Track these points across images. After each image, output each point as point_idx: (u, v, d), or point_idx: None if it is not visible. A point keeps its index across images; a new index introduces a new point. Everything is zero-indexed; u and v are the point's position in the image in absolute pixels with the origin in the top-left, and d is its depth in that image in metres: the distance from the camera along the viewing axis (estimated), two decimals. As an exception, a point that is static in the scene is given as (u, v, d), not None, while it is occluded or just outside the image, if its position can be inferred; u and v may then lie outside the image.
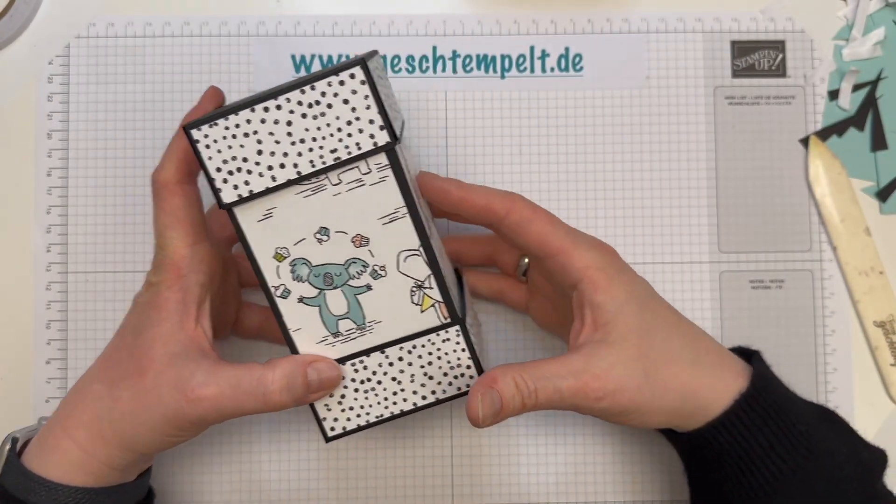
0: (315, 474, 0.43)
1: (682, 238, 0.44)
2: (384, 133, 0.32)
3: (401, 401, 0.36)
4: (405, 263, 0.34)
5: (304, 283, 0.34)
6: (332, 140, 0.32)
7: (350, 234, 0.33)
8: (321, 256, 0.33)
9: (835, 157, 0.45)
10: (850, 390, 0.44)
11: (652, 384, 0.33)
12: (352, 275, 0.34)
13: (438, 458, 0.43)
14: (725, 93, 0.45)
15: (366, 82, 0.31)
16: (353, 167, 0.32)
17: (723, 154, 0.45)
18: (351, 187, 0.32)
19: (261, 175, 0.32)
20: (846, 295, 0.44)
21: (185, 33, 0.44)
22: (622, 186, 0.44)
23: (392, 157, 0.32)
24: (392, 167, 0.32)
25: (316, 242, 0.33)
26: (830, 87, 0.45)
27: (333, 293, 0.34)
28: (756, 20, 0.45)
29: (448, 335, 0.35)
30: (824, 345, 0.44)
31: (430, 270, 0.34)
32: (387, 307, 0.34)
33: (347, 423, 0.36)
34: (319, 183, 0.32)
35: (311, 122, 0.31)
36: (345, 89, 0.31)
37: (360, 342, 0.35)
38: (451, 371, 0.35)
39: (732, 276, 0.44)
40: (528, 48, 0.45)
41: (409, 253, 0.34)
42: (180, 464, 0.43)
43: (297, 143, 0.32)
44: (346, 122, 0.31)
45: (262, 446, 0.43)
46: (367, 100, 0.31)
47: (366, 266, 0.34)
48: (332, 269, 0.34)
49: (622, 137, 0.45)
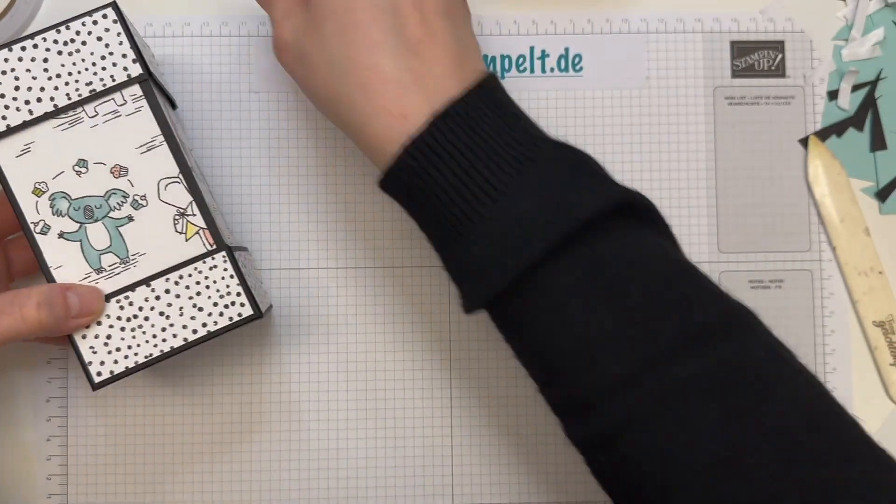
0: (315, 474, 0.43)
1: (682, 238, 0.44)
2: (137, 66, 0.35)
3: (171, 337, 0.35)
4: (166, 192, 0.35)
5: (64, 217, 0.34)
6: (88, 74, 0.34)
7: (109, 165, 0.34)
8: (81, 189, 0.34)
9: (834, 158, 0.45)
10: (849, 390, 0.44)
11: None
12: (112, 206, 0.35)
13: (438, 457, 0.43)
14: (725, 93, 0.45)
15: (118, 21, 0.34)
16: (109, 99, 0.34)
17: (722, 154, 0.45)
18: (107, 118, 0.35)
19: (18, 110, 0.34)
20: (846, 295, 0.44)
21: (185, 34, 0.44)
22: (622, 186, 0.44)
23: (146, 87, 0.35)
24: (146, 97, 0.35)
25: (75, 175, 0.34)
26: (830, 88, 0.45)
27: (95, 226, 0.35)
28: (755, 20, 0.45)
29: (215, 262, 0.35)
30: (824, 345, 0.44)
31: (192, 197, 0.35)
32: (150, 238, 0.35)
33: (115, 366, 0.35)
34: (76, 116, 0.34)
35: (66, 59, 0.34)
36: (98, 28, 0.34)
37: (125, 277, 0.35)
38: (220, 300, 0.35)
39: (732, 277, 0.44)
40: (528, 48, 0.45)
41: (170, 180, 0.35)
42: (181, 474, 0.43)
43: (54, 77, 0.34)
44: (101, 57, 0.34)
45: (263, 445, 0.43)
46: (120, 36, 0.34)
47: (126, 196, 0.35)
48: (92, 202, 0.34)
49: (622, 138, 0.45)
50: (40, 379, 0.43)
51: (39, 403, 0.43)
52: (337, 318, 0.43)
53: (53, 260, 0.34)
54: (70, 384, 0.43)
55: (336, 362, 0.43)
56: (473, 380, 0.43)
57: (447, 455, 0.43)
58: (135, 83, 0.35)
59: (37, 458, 0.43)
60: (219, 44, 0.44)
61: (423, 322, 0.44)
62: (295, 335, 0.43)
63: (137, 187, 0.35)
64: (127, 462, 0.43)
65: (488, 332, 0.44)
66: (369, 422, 0.43)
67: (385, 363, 0.43)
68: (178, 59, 0.44)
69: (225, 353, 0.43)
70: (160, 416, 0.43)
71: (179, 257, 0.35)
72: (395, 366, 0.43)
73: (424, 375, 0.43)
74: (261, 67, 0.44)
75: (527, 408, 0.43)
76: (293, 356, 0.43)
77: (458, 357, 0.44)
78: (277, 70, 0.44)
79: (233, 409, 0.43)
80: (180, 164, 0.35)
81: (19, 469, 0.43)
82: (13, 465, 0.43)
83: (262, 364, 0.43)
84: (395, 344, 0.44)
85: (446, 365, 0.43)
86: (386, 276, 0.44)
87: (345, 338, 0.44)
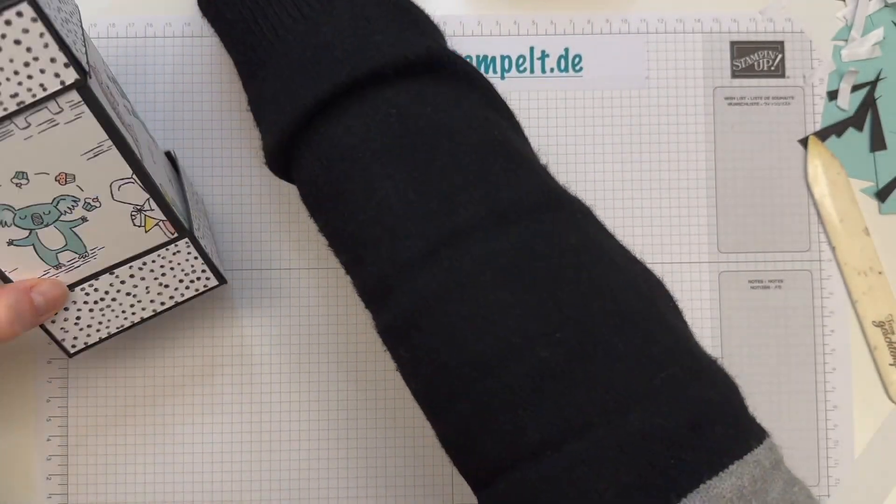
0: (315, 474, 0.43)
1: (681, 238, 0.44)
2: (70, 70, 0.29)
3: (140, 310, 0.36)
4: (120, 192, 0.33)
5: (11, 227, 0.32)
6: (11, 85, 0.28)
7: (53, 174, 0.31)
8: (24, 199, 0.32)
9: (834, 158, 0.45)
10: (849, 390, 0.44)
11: None
12: (63, 210, 0.32)
13: (438, 457, 0.43)
14: (725, 93, 0.45)
15: (38, 19, 0.27)
16: (42, 108, 0.29)
17: (722, 154, 0.45)
18: (43, 129, 0.30)
19: None
20: (845, 295, 0.44)
21: (186, 34, 0.44)
22: (621, 187, 0.44)
23: (85, 93, 0.30)
24: (87, 102, 0.30)
25: (15, 187, 0.31)
26: (829, 88, 0.45)
27: (46, 230, 0.33)
28: (755, 21, 0.45)
29: (178, 248, 0.35)
30: (823, 344, 0.44)
31: (148, 194, 0.33)
32: (107, 233, 0.33)
33: (88, 338, 0.36)
34: (5, 129, 0.30)
35: None
36: (14, 29, 0.27)
37: (85, 269, 0.34)
38: (186, 277, 0.36)
39: (731, 277, 0.44)
40: (528, 49, 0.45)
41: (123, 181, 0.32)
42: (181, 474, 0.43)
43: None
44: (24, 64, 0.28)
45: (263, 445, 0.43)
46: (44, 37, 0.28)
47: (76, 200, 0.32)
48: (39, 209, 0.32)
49: (621, 138, 0.45)
50: (40, 379, 0.43)
51: (39, 403, 0.43)
52: (336, 319, 0.43)
53: (7, 265, 0.33)
54: (70, 384, 0.43)
55: (336, 362, 0.43)
56: (473, 380, 0.43)
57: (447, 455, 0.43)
58: (71, 89, 0.29)
59: (37, 458, 0.43)
60: (220, 44, 0.44)
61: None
62: (296, 336, 0.43)
63: (88, 191, 0.32)
64: (127, 462, 0.43)
65: (488, 332, 0.44)
66: (369, 421, 0.43)
67: (386, 363, 0.43)
68: (180, 59, 0.44)
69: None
70: (160, 416, 0.43)
71: (141, 247, 0.34)
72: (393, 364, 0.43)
73: (424, 375, 0.43)
74: (261, 67, 0.44)
75: (527, 408, 0.43)
76: (293, 363, 0.43)
77: (458, 357, 0.44)
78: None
79: (242, 419, 0.43)
80: (133, 164, 0.32)
81: (19, 469, 0.43)
82: (13, 465, 0.43)
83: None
84: (395, 344, 0.44)
85: (446, 365, 0.44)
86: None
87: (344, 337, 0.44)
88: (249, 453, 0.43)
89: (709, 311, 0.44)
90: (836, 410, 0.44)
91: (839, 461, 0.44)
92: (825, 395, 0.44)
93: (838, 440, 0.44)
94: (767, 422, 0.44)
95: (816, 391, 0.44)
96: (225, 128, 0.44)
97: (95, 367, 0.43)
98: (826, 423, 0.44)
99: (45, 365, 0.43)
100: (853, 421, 0.44)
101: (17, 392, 0.43)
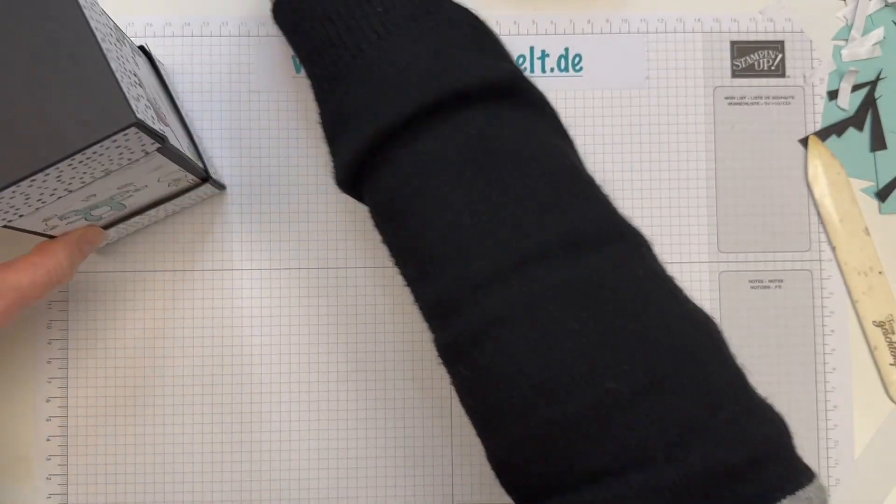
0: (315, 473, 0.43)
1: (682, 238, 0.44)
2: (154, 144, 0.32)
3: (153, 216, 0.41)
4: (165, 178, 0.37)
5: (75, 220, 0.36)
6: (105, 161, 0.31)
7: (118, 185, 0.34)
8: (92, 202, 0.35)
9: (834, 158, 0.45)
10: (849, 390, 0.44)
11: None
12: (116, 199, 0.36)
13: (438, 457, 0.43)
14: (725, 93, 0.45)
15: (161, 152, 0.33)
16: (131, 166, 0.32)
17: (722, 154, 0.45)
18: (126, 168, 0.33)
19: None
20: (845, 295, 0.44)
21: (185, 33, 0.44)
22: (621, 186, 0.44)
23: (163, 151, 0.32)
24: (164, 154, 0.33)
25: (83, 211, 0.35)
26: (830, 88, 0.45)
27: (97, 209, 0.36)
28: (755, 21, 0.45)
29: (203, 188, 0.40)
30: (823, 344, 0.44)
31: (186, 171, 0.37)
32: (144, 196, 0.37)
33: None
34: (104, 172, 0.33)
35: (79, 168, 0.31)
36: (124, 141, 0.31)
37: (117, 215, 0.38)
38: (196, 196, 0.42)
39: (731, 276, 0.44)
40: (528, 48, 0.45)
41: (170, 173, 0.36)
42: (181, 474, 0.43)
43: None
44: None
45: (263, 445, 0.43)
46: (141, 138, 0.31)
47: (129, 189, 0.35)
48: (100, 202, 0.35)
49: (622, 137, 0.45)
50: (40, 379, 0.43)
51: (39, 403, 0.43)
52: (338, 319, 0.43)
53: (55, 231, 0.36)
54: (70, 384, 0.43)
55: (336, 362, 0.43)
56: (473, 380, 0.44)
57: (447, 455, 0.43)
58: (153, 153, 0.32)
59: (37, 457, 0.43)
60: (219, 44, 0.44)
61: (422, 322, 0.44)
62: (295, 336, 0.43)
63: (139, 183, 0.35)
64: (127, 462, 0.43)
65: (488, 331, 0.44)
66: (369, 422, 0.43)
67: (385, 363, 0.43)
68: (179, 59, 0.44)
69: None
70: (160, 417, 0.43)
71: (168, 194, 0.39)
72: (395, 366, 0.43)
73: (425, 375, 0.43)
74: (261, 67, 0.44)
75: (527, 408, 0.43)
76: (293, 362, 0.43)
77: (458, 357, 0.44)
78: (277, 70, 0.44)
79: (242, 419, 0.43)
80: (182, 164, 0.35)
81: (19, 469, 0.43)
82: (13, 465, 0.43)
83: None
84: (395, 343, 0.44)
85: (446, 365, 0.44)
86: (386, 275, 0.44)
87: (345, 337, 0.44)
88: (249, 453, 0.43)
89: (708, 311, 0.44)
90: (836, 410, 0.44)
91: (839, 461, 0.44)
92: (825, 395, 0.44)
93: (838, 440, 0.44)
94: (767, 422, 0.44)
95: (816, 391, 0.44)
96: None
97: (95, 367, 0.43)
98: (826, 422, 0.44)
99: (45, 364, 0.43)
100: (853, 421, 0.44)
101: (16, 392, 0.43)
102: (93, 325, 0.43)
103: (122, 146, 0.30)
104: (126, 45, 0.36)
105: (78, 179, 0.30)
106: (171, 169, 0.35)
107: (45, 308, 0.43)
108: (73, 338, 0.43)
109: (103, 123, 0.28)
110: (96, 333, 0.43)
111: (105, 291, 0.43)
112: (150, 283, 0.43)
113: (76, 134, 0.28)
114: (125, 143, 0.30)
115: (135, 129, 0.29)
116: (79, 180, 0.31)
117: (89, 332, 0.43)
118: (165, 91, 0.41)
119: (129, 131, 0.29)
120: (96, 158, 0.30)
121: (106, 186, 0.33)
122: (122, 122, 0.28)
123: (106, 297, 0.43)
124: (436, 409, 0.43)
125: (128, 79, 0.31)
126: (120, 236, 0.42)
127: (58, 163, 0.28)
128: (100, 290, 0.43)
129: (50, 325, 0.43)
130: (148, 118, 0.31)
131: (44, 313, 0.43)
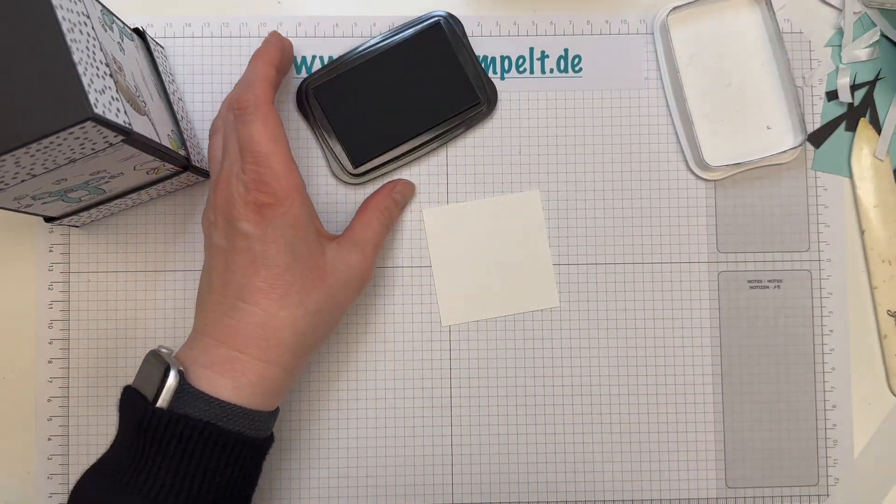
0: (316, 473, 0.43)
1: (681, 238, 0.45)
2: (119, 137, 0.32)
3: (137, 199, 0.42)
4: (141, 166, 0.37)
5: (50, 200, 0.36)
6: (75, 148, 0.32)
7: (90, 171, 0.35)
8: (65, 186, 0.35)
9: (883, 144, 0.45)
10: (847, 390, 0.44)
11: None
12: (92, 184, 0.36)
13: (438, 457, 0.43)
14: (724, 93, 0.45)
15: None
16: (97, 155, 0.33)
17: (721, 154, 0.45)
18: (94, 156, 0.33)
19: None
20: (845, 294, 0.44)
21: (187, 35, 0.44)
22: (621, 186, 0.45)
23: (130, 142, 0.33)
24: (131, 145, 0.33)
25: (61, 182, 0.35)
26: (829, 88, 0.45)
27: (73, 192, 0.37)
28: (754, 21, 0.45)
29: (184, 176, 0.41)
30: (822, 344, 0.44)
31: (163, 161, 0.37)
32: (123, 182, 0.38)
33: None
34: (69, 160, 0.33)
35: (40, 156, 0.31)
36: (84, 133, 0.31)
37: (101, 197, 0.39)
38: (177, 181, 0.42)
39: (731, 276, 0.44)
40: (528, 49, 0.45)
41: (146, 162, 0.36)
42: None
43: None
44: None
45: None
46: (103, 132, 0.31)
47: (104, 176, 0.36)
48: (74, 187, 0.36)
49: (621, 138, 0.45)
50: (41, 379, 0.43)
51: (40, 403, 0.43)
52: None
53: (38, 211, 0.37)
54: (70, 384, 0.43)
55: (336, 362, 0.44)
56: (473, 380, 0.44)
57: (447, 455, 0.43)
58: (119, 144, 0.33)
59: (37, 457, 0.43)
60: (220, 44, 0.44)
61: (422, 322, 0.44)
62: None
63: (114, 170, 0.36)
64: (127, 462, 0.43)
65: (487, 332, 0.44)
66: (369, 422, 0.43)
67: (385, 363, 0.44)
68: (181, 59, 0.44)
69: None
70: (161, 416, 0.43)
71: (148, 181, 0.40)
72: (395, 366, 0.44)
73: (425, 376, 0.44)
74: (261, 68, 0.44)
75: (526, 407, 0.44)
76: (293, 356, 0.43)
77: (457, 357, 0.44)
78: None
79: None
80: (157, 154, 0.36)
81: (19, 469, 0.43)
82: (13, 465, 0.43)
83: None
84: (396, 344, 0.44)
85: (446, 365, 0.44)
86: (386, 275, 0.44)
87: (345, 337, 0.44)
88: (250, 453, 0.43)
89: (708, 311, 0.44)
90: (835, 410, 0.44)
91: (839, 460, 0.44)
92: (824, 394, 0.44)
93: (838, 439, 0.44)
94: (767, 422, 0.44)
95: (816, 391, 0.44)
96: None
97: (96, 367, 0.43)
98: (825, 422, 0.44)
99: (46, 364, 0.43)
100: (852, 420, 0.44)
101: (17, 392, 0.43)
102: (94, 325, 0.43)
103: (82, 138, 0.30)
104: (114, 31, 0.36)
105: (40, 165, 0.31)
106: (145, 159, 0.36)
107: (46, 308, 0.43)
108: (75, 337, 0.43)
109: (57, 116, 0.29)
110: (97, 333, 0.43)
111: (107, 291, 0.43)
112: (151, 284, 0.43)
113: (30, 125, 0.29)
114: (84, 135, 0.30)
115: (91, 122, 0.29)
116: (41, 166, 0.31)
117: (91, 332, 0.43)
118: (157, 76, 0.41)
119: (87, 124, 0.30)
120: (55, 148, 0.30)
121: (75, 172, 0.33)
122: (77, 116, 0.29)
123: (106, 297, 0.43)
124: (436, 409, 0.43)
125: (94, 70, 0.31)
126: (104, 216, 0.43)
127: (9, 152, 0.29)
128: (100, 290, 0.43)
129: (51, 325, 0.43)
130: (111, 111, 0.31)
131: (45, 313, 0.43)
